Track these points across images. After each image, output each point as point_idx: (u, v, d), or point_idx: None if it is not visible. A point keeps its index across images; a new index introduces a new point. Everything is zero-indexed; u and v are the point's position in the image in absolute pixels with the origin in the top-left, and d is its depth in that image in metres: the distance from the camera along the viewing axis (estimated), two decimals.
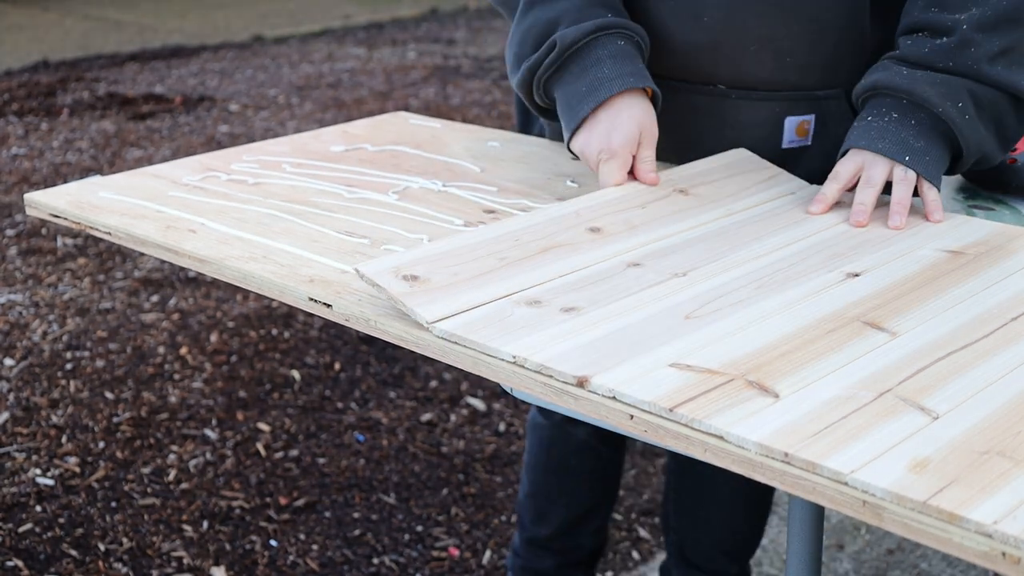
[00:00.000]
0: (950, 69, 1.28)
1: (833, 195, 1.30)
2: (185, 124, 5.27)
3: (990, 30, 1.27)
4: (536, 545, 1.89)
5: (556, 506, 1.86)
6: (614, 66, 1.31)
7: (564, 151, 1.54)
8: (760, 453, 0.81)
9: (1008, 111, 1.31)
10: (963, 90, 1.28)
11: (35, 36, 7.48)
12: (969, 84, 1.28)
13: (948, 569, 2.17)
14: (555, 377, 0.93)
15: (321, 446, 2.58)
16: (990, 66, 1.27)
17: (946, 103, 1.27)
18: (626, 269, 1.13)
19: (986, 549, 0.71)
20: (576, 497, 1.86)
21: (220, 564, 2.17)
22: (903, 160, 1.28)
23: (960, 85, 1.28)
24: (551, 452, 1.82)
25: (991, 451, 0.79)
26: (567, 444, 1.81)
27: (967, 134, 1.28)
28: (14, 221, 3.99)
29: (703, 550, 1.87)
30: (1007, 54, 1.28)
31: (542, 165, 1.51)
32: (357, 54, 7.02)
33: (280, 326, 3.18)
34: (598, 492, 1.87)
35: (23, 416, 2.69)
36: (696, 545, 1.87)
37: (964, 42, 1.27)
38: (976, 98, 1.28)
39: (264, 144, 1.62)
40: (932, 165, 1.29)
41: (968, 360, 0.94)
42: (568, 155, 1.52)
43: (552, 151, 1.56)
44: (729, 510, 1.83)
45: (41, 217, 1.39)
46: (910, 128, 1.29)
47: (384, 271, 1.07)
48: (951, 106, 1.27)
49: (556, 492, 1.85)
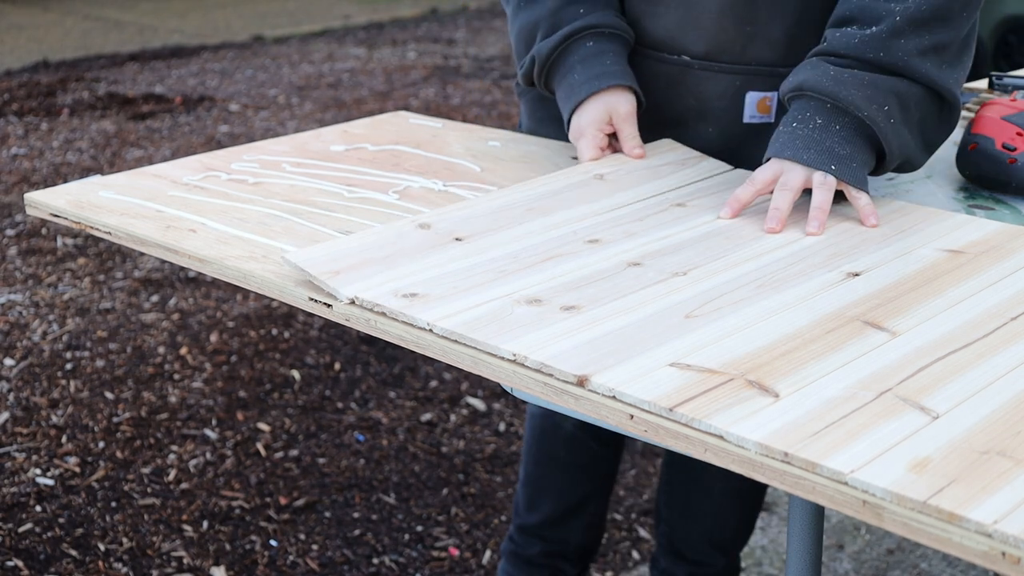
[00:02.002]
0: (879, 61, 1.27)
1: (747, 197, 1.29)
2: (185, 124, 5.27)
3: (921, 25, 1.27)
4: (526, 532, 1.90)
5: (545, 496, 1.87)
6: (583, 71, 1.42)
7: (564, 151, 1.55)
8: (760, 453, 0.81)
9: (932, 112, 1.30)
10: (889, 92, 1.27)
11: (35, 36, 7.48)
12: (895, 83, 1.27)
13: (948, 569, 2.17)
14: (555, 376, 0.93)
15: (321, 446, 2.58)
16: (919, 61, 1.27)
17: (871, 107, 1.26)
18: (626, 268, 1.13)
19: (986, 549, 0.71)
20: (565, 489, 1.86)
21: (220, 564, 2.17)
22: (830, 170, 1.27)
23: (886, 86, 1.27)
24: (542, 442, 1.83)
25: (991, 451, 0.79)
26: (556, 436, 1.81)
27: (891, 138, 1.28)
28: (14, 221, 3.99)
29: (692, 541, 1.87)
30: (936, 52, 1.27)
31: (542, 165, 1.51)
32: (357, 54, 7.02)
33: (280, 326, 3.18)
34: (587, 486, 1.86)
35: (23, 416, 2.69)
36: (685, 536, 1.88)
37: (895, 33, 1.27)
38: (902, 99, 1.28)
39: (264, 144, 1.62)
40: (858, 170, 1.28)
41: (968, 360, 0.94)
42: (568, 155, 1.53)
43: (552, 151, 1.57)
44: (719, 503, 1.84)
45: (41, 217, 1.39)
46: (835, 134, 1.28)
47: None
48: (876, 110, 1.26)
49: (546, 482, 1.86)
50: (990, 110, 1.47)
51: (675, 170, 1.42)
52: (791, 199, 1.26)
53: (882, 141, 1.28)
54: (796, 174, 1.28)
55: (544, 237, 1.22)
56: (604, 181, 1.37)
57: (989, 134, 1.44)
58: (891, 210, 1.31)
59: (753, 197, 1.29)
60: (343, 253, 1.15)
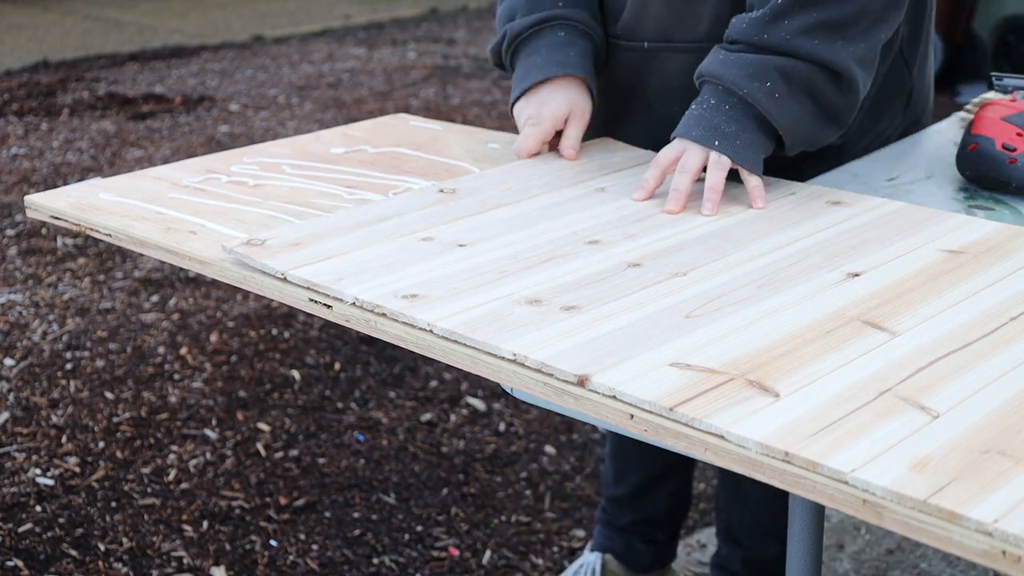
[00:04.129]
0: (764, 43, 1.32)
1: (653, 181, 1.35)
2: (185, 124, 5.27)
3: (807, 4, 1.31)
4: (616, 502, 2.01)
5: (630, 468, 1.97)
6: (548, 55, 1.49)
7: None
8: (760, 452, 0.81)
9: (826, 87, 1.33)
10: (772, 69, 1.31)
11: (35, 36, 7.48)
12: (780, 61, 1.31)
13: (948, 569, 2.18)
14: (555, 376, 0.93)
15: (321, 446, 2.58)
16: (804, 39, 1.31)
17: (753, 84, 1.31)
18: (626, 269, 1.13)
19: (986, 548, 0.71)
20: (648, 460, 1.95)
21: (220, 564, 2.17)
22: (713, 145, 1.33)
23: (770, 64, 1.31)
24: None
25: (991, 450, 0.79)
26: None
27: (776, 114, 1.32)
28: (14, 221, 3.99)
29: (745, 528, 1.90)
30: (826, 29, 1.31)
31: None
32: (357, 54, 7.02)
33: (280, 326, 3.18)
34: (669, 456, 1.92)
35: (23, 416, 2.69)
36: (739, 523, 1.91)
37: (777, 14, 1.31)
38: (787, 75, 1.31)
39: (264, 146, 1.62)
40: (744, 149, 1.33)
41: (968, 359, 0.94)
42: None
43: (551, 153, 1.57)
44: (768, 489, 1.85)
45: (42, 219, 1.39)
46: (723, 113, 1.34)
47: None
48: (759, 87, 1.31)
49: (630, 455, 1.96)
50: (990, 110, 1.47)
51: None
52: (690, 180, 1.32)
53: (767, 116, 1.32)
54: (694, 154, 1.34)
55: (544, 238, 1.22)
56: (606, 193, 1.37)
57: (989, 134, 1.44)
58: (891, 210, 1.31)
59: (660, 178, 1.36)
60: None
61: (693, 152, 1.34)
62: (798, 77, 1.31)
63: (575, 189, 1.38)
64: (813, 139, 1.37)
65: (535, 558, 2.21)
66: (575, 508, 2.36)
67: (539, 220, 1.28)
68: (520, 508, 2.37)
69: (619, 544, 2.03)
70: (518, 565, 2.19)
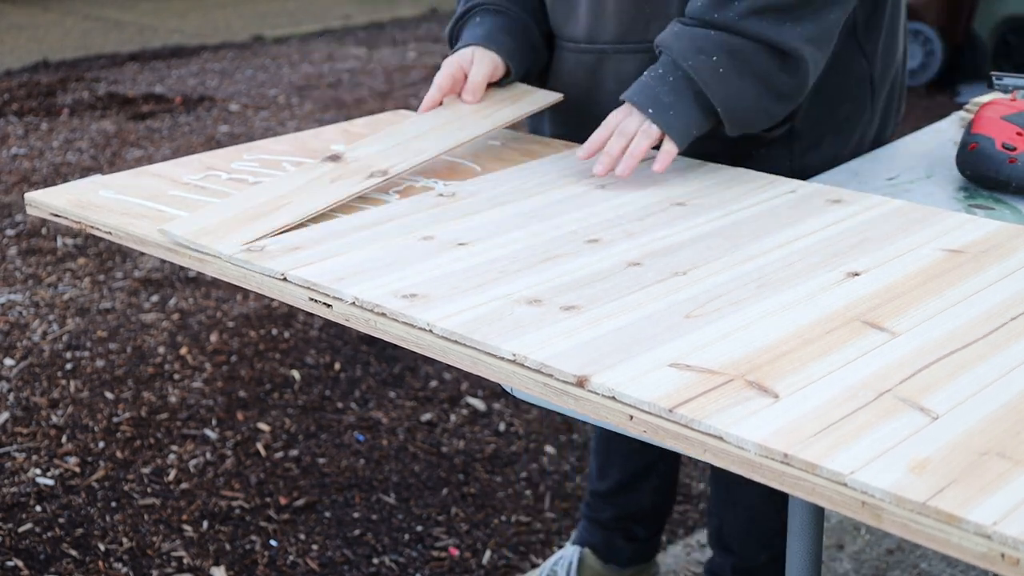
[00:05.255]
0: (714, 21, 1.35)
1: (599, 141, 1.39)
2: (185, 124, 5.27)
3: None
4: (599, 497, 2.02)
5: (613, 464, 1.98)
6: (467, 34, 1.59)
7: (565, 149, 1.55)
8: (759, 454, 0.81)
9: (773, 66, 1.36)
10: (720, 46, 1.34)
11: (35, 36, 7.48)
12: (728, 39, 1.34)
13: (948, 569, 2.17)
14: (555, 376, 0.93)
15: (321, 446, 2.58)
16: (753, 20, 1.34)
17: (698, 57, 1.34)
18: (626, 268, 1.13)
19: (985, 550, 0.71)
20: (629, 457, 1.96)
21: (220, 564, 2.17)
22: (647, 112, 1.36)
23: (719, 40, 1.34)
24: None
25: (991, 451, 0.79)
26: None
27: (716, 88, 1.34)
28: (14, 221, 3.99)
29: (736, 535, 1.90)
30: (775, 10, 1.34)
31: (543, 164, 1.51)
32: (357, 54, 7.02)
33: (280, 326, 3.18)
34: (652, 454, 1.94)
35: (23, 416, 2.69)
36: (730, 530, 1.91)
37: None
38: (733, 54, 1.34)
39: (264, 143, 1.62)
40: (676, 120, 1.36)
41: (968, 360, 0.94)
42: (569, 154, 1.53)
43: (552, 148, 1.57)
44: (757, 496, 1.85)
45: (41, 217, 1.39)
46: (666, 84, 1.37)
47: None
48: (704, 60, 1.34)
49: (612, 451, 1.97)
50: (990, 110, 1.47)
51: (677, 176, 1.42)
52: (623, 144, 1.36)
53: (704, 90, 1.35)
54: (632, 121, 1.37)
55: (544, 238, 1.22)
56: (606, 191, 1.37)
57: (989, 134, 1.44)
58: (891, 209, 1.31)
59: (606, 138, 1.39)
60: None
61: (632, 117, 1.38)
62: (744, 55, 1.34)
63: (575, 187, 1.38)
64: (755, 119, 1.39)
65: (535, 558, 2.21)
66: (575, 508, 2.36)
67: (539, 219, 1.28)
68: (520, 508, 2.37)
69: (599, 539, 2.04)
70: (518, 565, 2.19)
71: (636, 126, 1.37)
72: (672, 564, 2.20)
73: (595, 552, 2.04)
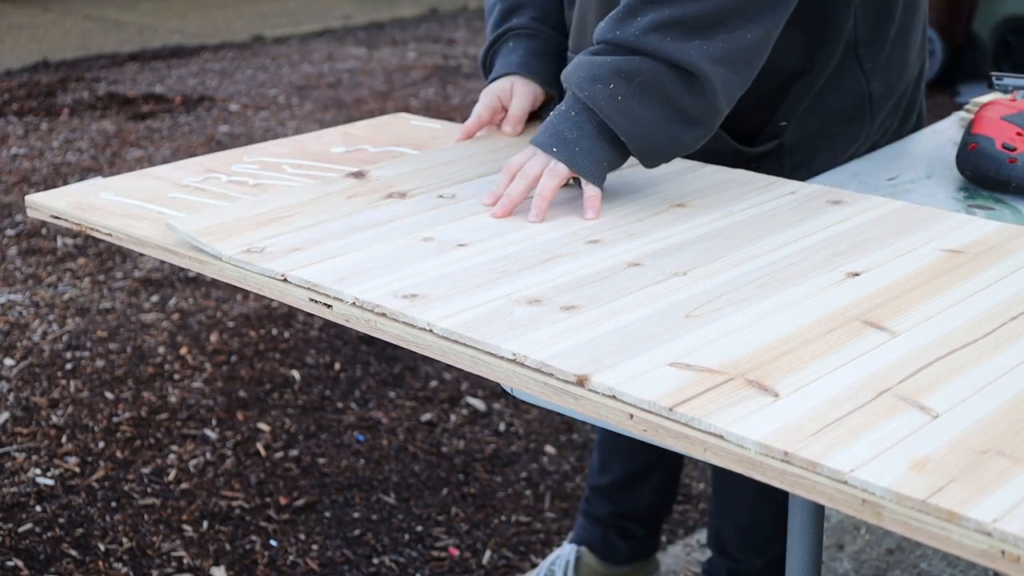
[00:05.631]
0: (616, 40, 1.27)
1: (502, 186, 1.31)
2: (185, 124, 5.27)
3: (658, 1, 1.25)
4: (598, 492, 2.02)
5: (614, 460, 1.98)
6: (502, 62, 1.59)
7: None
8: (760, 452, 0.81)
9: (678, 87, 1.26)
10: (615, 71, 1.25)
11: (35, 36, 7.48)
12: (625, 61, 1.25)
13: (948, 569, 2.18)
14: (555, 376, 0.93)
15: (321, 446, 2.58)
16: (655, 36, 1.25)
17: (595, 87, 1.26)
18: (626, 268, 1.13)
19: (985, 548, 0.71)
20: (632, 455, 1.96)
21: (220, 564, 2.17)
22: (551, 151, 1.29)
23: (613, 65, 1.26)
24: None
25: (991, 450, 0.79)
26: None
27: (616, 117, 1.26)
28: (14, 221, 3.99)
29: (732, 539, 1.90)
30: (677, 26, 1.25)
31: None
32: (357, 54, 7.02)
33: (280, 326, 3.18)
34: (653, 454, 1.94)
35: (23, 416, 2.69)
36: (727, 534, 1.91)
37: (630, 11, 1.27)
38: (630, 75, 1.25)
39: (265, 145, 1.62)
40: (582, 156, 1.28)
41: (968, 359, 0.94)
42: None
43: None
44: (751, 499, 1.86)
45: (42, 219, 1.39)
46: (569, 120, 1.29)
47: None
48: (600, 90, 1.26)
49: (615, 447, 1.97)
50: (990, 110, 1.47)
51: (677, 177, 1.42)
52: (525, 187, 1.29)
53: (605, 120, 1.27)
54: (536, 161, 1.30)
55: (544, 239, 1.22)
56: (605, 191, 1.37)
57: (989, 134, 1.44)
58: (891, 210, 1.31)
59: (508, 183, 1.31)
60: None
61: (537, 158, 1.30)
62: (643, 77, 1.25)
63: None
64: (665, 144, 1.30)
65: (535, 558, 2.21)
66: (575, 508, 2.36)
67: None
68: (520, 508, 2.37)
69: (596, 537, 2.04)
70: (518, 565, 2.19)
71: (541, 167, 1.29)
72: (672, 564, 2.21)
73: (592, 550, 2.05)
